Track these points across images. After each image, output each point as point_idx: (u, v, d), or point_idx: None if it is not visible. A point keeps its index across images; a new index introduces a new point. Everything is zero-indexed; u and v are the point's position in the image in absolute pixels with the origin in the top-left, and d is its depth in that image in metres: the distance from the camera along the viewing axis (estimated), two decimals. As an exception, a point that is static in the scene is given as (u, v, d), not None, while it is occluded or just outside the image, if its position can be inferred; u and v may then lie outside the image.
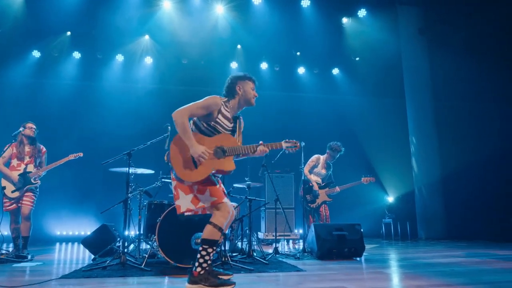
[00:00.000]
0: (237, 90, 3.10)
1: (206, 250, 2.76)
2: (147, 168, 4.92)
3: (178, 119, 2.83)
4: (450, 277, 3.22)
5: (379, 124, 9.98)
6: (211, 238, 2.76)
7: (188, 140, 2.82)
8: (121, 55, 9.33)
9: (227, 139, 2.98)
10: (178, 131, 2.85)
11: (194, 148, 2.80)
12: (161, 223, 3.77)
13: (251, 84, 3.17)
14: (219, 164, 2.88)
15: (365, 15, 9.28)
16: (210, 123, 2.97)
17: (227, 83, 3.17)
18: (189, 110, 2.87)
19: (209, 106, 2.92)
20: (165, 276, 3.42)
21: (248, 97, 3.13)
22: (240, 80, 3.14)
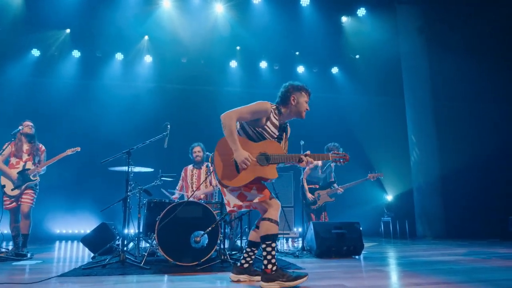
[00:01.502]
0: (290, 100, 3.05)
1: (270, 246, 2.78)
2: (147, 166, 4.94)
3: (226, 121, 2.83)
4: (448, 275, 3.24)
5: (378, 123, 10.00)
6: (271, 233, 2.78)
7: (233, 144, 2.80)
8: (121, 54, 9.35)
9: (272, 145, 2.93)
10: (225, 133, 2.84)
11: (238, 153, 2.79)
12: (160, 221, 3.78)
13: (305, 97, 3.12)
14: (262, 172, 2.84)
15: (364, 14, 9.29)
16: (258, 128, 2.94)
17: (282, 90, 3.11)
18: (238, 113, 2.86)
19: (258, 111, 2.90)
20: (165, 275, 3.43)
21: (300, 109, 3.07)
22: (296, 90, 3.09)
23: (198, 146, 5.38)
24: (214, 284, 3.00)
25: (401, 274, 3.45)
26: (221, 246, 4.04)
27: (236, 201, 2.89)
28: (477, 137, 8.57)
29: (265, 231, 2.79)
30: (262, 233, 2.80)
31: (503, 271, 3.46)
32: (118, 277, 3.31)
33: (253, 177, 2.81)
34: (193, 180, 5.33)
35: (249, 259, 3.07)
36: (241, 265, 3.06)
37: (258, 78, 10.05)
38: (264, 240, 2.78)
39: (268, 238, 2.77)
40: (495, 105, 8.33)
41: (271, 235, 2.78)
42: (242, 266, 3.05)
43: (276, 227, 2.81)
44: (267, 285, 2.72)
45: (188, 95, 9.35)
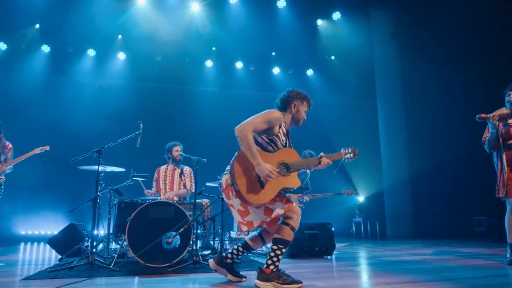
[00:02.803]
0: (291, 107, 3.02)
1: (281, 250, 2.75)
2: (118, 166, 4.83)
3: (242, 135, 2.70)
4: (416, 274, 3.33)
5: (351, 125, 10.17)
6: (287, 239, 2.76)
7: (254, 158, 2.69)
8: (93, 50, 9.10)
9: (289, 154, 2.89)
10: (242, 147, 2.72)
11: (260, 167, 2.67)
12: (131, 222, 3.69)
13: (306, 107, 3.10)
14: (285, 182, 2.78)
15: (339, 18, 9.45)
16: (272, 137, 2.86)
17: (284, 95, 3.05)
18: (252, 124, 2.75)
19: (272, 120, 2.83)
20: (135, 276, 3.36)
21: (298, 118, 3.05)
22: (299, 99, 3.05)
23: (179, 146, 5.29)
24: (186, 286, 2.97)
25: (371, 273, 3.52)
26: (194, 247, 4.00)
27: (263, 218, 2.81)
28: (446, 139, 8.87)
29: (283, 235, 2.76)
30: (279, 236, 2.76)
31: (467, 269, 3.59)
32: (86, 279, 3.21)
33: (278, 189, 2.75)
34: (166, 181, 5.25)
35: (235, 257, 3.05)
36: (226, 258, 3.03)
37: (234, 78, 10.03)
38: (278, 242, 2.75)
39: (283, 243, 2.76)
40: (463, 107, 8.64)
41: (286, 241, 2.77)
42: (226, 260, 3.03)
43: (293, 235, 2.80)
44: (262, 285, 2.70)
45: (163, 94, 9.22)
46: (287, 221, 2.79)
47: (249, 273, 3.47)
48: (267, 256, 2.80)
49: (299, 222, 2.84)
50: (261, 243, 3.03)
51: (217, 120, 9.08)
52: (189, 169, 5.34)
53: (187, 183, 5.18)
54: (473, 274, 3.33)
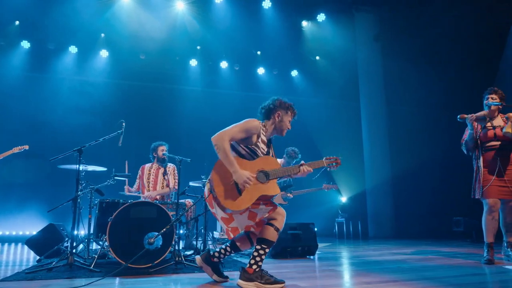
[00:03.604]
0: (275, 116, 3.00)
1: (264, 250, 2.76)
2: (99, 165, 4.75)
3: (219, 143, 2.71)
4: (397, 274, 3.38)
5: (334, 126, 10.27)
6: (271, 240, 2.78)
7: (231, 166, 2.70)
8: (75, 47, 8.93)
9: (268, 161, 2.89)
10: (220, 156, 2.73)
11: (238, 174, 2.69)
12: (112, 222, 3.64)
13: (290, 117, 3.08)
14: (264, 189, 2.78)
15: (324, 19, 9.52)
16: (251, 146, 2.86)
17: (268, 104, 3.03)
18: (230, 134, 2.76)
19: (249, 129, 2.83)
20: (116, 277, 3.31)
21: (282, 127, 3.04)
22: (283, 108, 3.03)
23: (165, 146, 5.25)
24: (168, 286, 2.94)
25: (353, 273, 3.55)
26: (176, 247, 3.96)
27: (247, 222, 2.83)
28: (426, 141, 9.05)
29: (267, 236, 2.77)
30: (263, 236, 2.77)
31: (447, 268, 3.66)
32: (65, 280, 3.15)
33: (256, 196, 2.74)
34: (150, 179, 5.19)
35: (223, 256, 3.04)
36: (213, 256, 3.01)
37: (219, 78, 10.00)
38: (262, 242, 2.77)
39: (267, 243, 2.77)
40: (444, 111, 8.82)
41: (270, 242, 2.79)
42: (213, 259, 3.01)
43: (277, 236, 2.82)
44: (244, 284, 2.70)
45: (146, 93, 9.11)
46: (272, 222, 2.81)
47: (232, 273, 3.46)
48: (250, 256, 2.80)
49: (284, 223, 2.86)
50: (249, 244, 3.02)
51: (201, 120, 9.04)
52: (173, 165, 5.30)
53: (170, 180, 5.15)
54: (452, 273, 3.40)
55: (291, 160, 5.83)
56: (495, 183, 4.01)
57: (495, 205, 4.01)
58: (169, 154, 4.84)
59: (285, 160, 5.87)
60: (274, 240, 2.80)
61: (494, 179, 4.01)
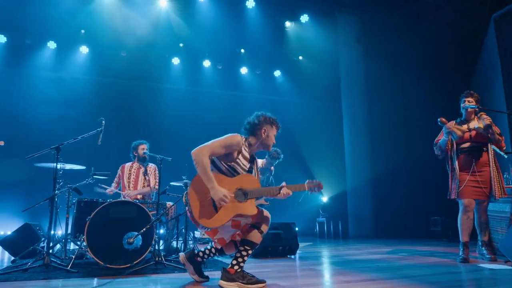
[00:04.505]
0: (261, 132, 2.95)
1: (247, 251, 2.77)
2: (78, 164, 4.65)
3: (198, 158, 2.65)
4: (375, 272, 3.43)
5: (316, 127, 10.34)
6: (255, 242, 2.80)
7: (209, 182, 2.64)
8: (54, 42, 8.71)
9: (248, 180, 2.84)
10: (198, 170, 2.67)
11: (215, 191, 2.63)
12: (91, 221, 3.57)
13: (275, 131, 3.07)
14: (241, 208, 2.72)
15: (307, 20, 9.58)
16: (230, 163, 2.81)
17: (255, 120, 2.98)
18: (209, 148, 2.70)
19: (231, 145, 2.77)
20: (94, 278, 3.25)
21: (268, 143, 3.01)
22: (268, 124, 2.99)
23: (145, 144, 5.18)
24: (147, 286, 2.91)
25: (333, 272, 3.59)
26: (156, 247, 3.92)
27: (233, 231, 2.85)
28: (406, 143, 9.22)
29: (251, 238, 2.79)
30: (247, 238, 2.78)
31: (423, 267, 3.74)
32: (41, 281, 3.08)
33: (232, 214, 2.70)
34: (130, 178, 5.11)
35: (206, 257, 3.03)
36: (197, 256, 3.00)
37: (201, 77, 9.92)
38: (245, 244, 2.78)
39: (250, 245, 2.78)
40: (423, 113, 9.00)
41: (254, 243, 2.80)
42: (197, 258, 3.00)
43: (261, 239, 2.83)
44: (226, 285, 2.69)
45: (127, 90, 8.95)
46: (257, 225, 2.83)
47: (212, 273, 3.45)
48: (232, 257, 2.80)
49: (268, 226, 2.88)
50: (234, 248, 2.99)
51: (183, 119, 8.97)
52: (153, 165, 5.24)
53: (151, 180, 5.08)
54: (429, 271, 3.47)
55: (273, 161, 5.81)
56: (470, 184, 4.12)
57: (470, 205, 4.12)
58: (150, 153, 4.79)
59: (267, 161, 5.85)
60: (258, 242, 2.81)
61: (468, 180, 4.12)
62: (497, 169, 4.14)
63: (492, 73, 7.94)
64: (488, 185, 4.12)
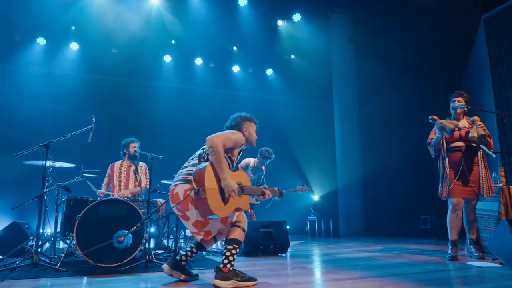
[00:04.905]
0: (243, 131, 3.05)
1: (236, 249, 2.82)
2: (68, 161, 4.60)
3: (216, 147, 2.69)
4: (365, 270, 3.45)
5: (308, 125, 10.38)
6: (241, 240, 2.87)
7: (222, 172, 2.69)
8: (43, 39, 8.60)
9: (244, 176, 2.97)
10: (214, 159, 2.69)
11: (227, 182, 2.68)
12: (80, 220, 3.54)
13: (255, 127, 3.17)
14: (240, 203, 2.83)
15: (299, 19, 9.58)
16: (233, 157, 2.94)
17: (232, 122, 3.09)
18: (223, 139, 2.78)
19: (238, 141, 2.92)
20: (83, 277, 3.22)
21: (252, 139, 3.13)
22: (246, 121, 3.11)
23: (136, 143, 5.14)
24: (138, 285, 2.89)
25: (323, 270, 3.60)
26: (146, 245, 3.90)
27: (220, 227, 2.88)
28: (396, 142, 9.29)
29: (237, 236, 2.85)
30: (232, 237, 2.84)
31: (413, 265, 3.77)
32: (29, 281, 3.04)
33: (234, 207, 2.80)
34: (121, 177, 5.07)
35: (190, 258, 3.02)
36: (180, 260, 2.99)
37: (193, 75, 9.89)
38: (232, 242, 2.82)
39: (237, 243, 2.84)
40: (414, 112, 9.09)
41: (240, 241, 2.86)
42: (180, 262, 2.99)
43: (243, 235, 2.91)
44: (222, 284, 2.70)
45: (118, 88, 8.88)
46: (238, 224, 2.89)
47: (202, 271, 3.45)
48: (223, 256, 2.81)
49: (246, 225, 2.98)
50: (213, 241, 3.08)
51: (175, 117, 8.93)
52: (144, 164, 5.21)
53: (142, 180, 5.05)
54: (418, 269, 3.51)
55: (264, 160, 5.80)
56: (459, 183, 4.18)
57: (459, 204, 4.18)
58: (140, 151, 4.75)
59: (259, 160, 5.84)
60: (242, 239, 2.91)
61: (458, 179, 4.17)
62: (485, 168, 4.20)
63: (482, 74, 8.04)
64: (477, 184, 4.17)
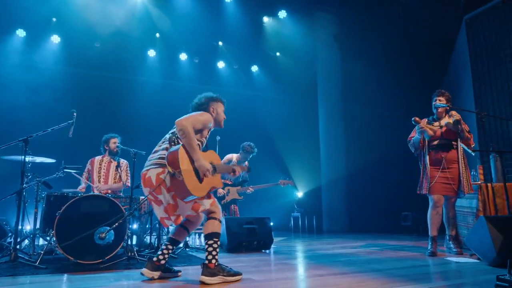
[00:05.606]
0: (210, 112, 3.05)
1: (216, 243, 2.81)
2: (48, 156, 4.51)
3: (186, 129, 2.71)
4: (347, 266, 3.50)
5: (292, 122, 10.40)
6: (218, 231, 2.85)
7: (195, 153, 2.72)
8: (23, 31, 8.37)
9: (214, 155, 3.01)
10: (185, 141, 2.72)
11: (201, 162, 2.72)
12: (60, 216, 3.48)
13: (222, 107, 3.17)
14: (213, 181, 2.88)
15: (285, 16, 9.59)
16: (202, 138, 2.93)
17: (199, 102, 3.10)
18: (192, 121, 2.79)
19: (206, 122, 2.92)
20: (64, 274, 3.17)
21: (220, 119, 3.14)
22: (214, 101, 3.11)
23: (117, 138, 5.07)
24: (119, 282, 2.86)
25: (306, 266, 3.64)
26: (129, 242, 3.86)
27: (190, 212, 2.85)
28: (379, 140, 9.40)
29: (214, 229, 2.84)
30: (210, 231, 2.83)
31: (394, 261, 3.84)
32: (7, 278, 2.98)
33: (210, 186, 2.84)
34: (101, 173, 4.99)
35: (166, 256, 2.99)
36: (158, 261, 2.95)
37: (177, 70, 9.79)
38: (211, 237, 2.82)
39: (216, 235, 2.84)
40: (397, 112, 9.20)
41: (218, 233, 2.86)
42: (158, 262, 2.95)
43: (220, 226, 2.91)
44: (209, 280, 2.71)
45: (100, 82, 8.71)
46: (213, 215, 2.89)
47: (185, 268, 3.43)
48: (206, 252, 2.81)
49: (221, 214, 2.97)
50: (186, 233, 3.09)
51: (157, 112, 8.82)
52: (126, 162, 5.14)
53: (123, 176, 4.98)
54: (398, 265, 3.57)
55: (247, 155, 5.82)
56: (440, 180, 4.27)
57: (439, 201, 4.27)
58: (122, 147, 4.68)
59: (242, 156, 5.85)
60: (220, 231, 2.91)
61: (438, 176, 4.26)
62: (465, 166, 4.30)
63: (463, 73, 8.20)
64: (457, 182, 4.27)
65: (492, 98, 7.20)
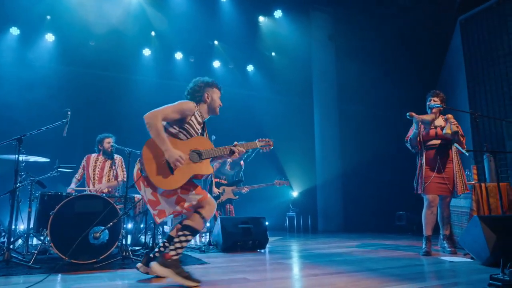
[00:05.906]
0: (205, 98, 3.00)
1: (186, 237, 2.69)
2: (42, 156, 4.48)
3: (151, 121, 2.66)
4: (342, 266, 3.51)
5: (287, 122, 10.41)
6: (197, 228, 2.73)
7: (163, 144, 2.66)
8: (16, 29, 8.30)
9: (202, 141, 2.87)
10: (151, 133, 2.67)
11: (169, 153, 2.64)
12: (54, 216, 3.45)
13: (218, 93, 3.09)
14: (197, 169, 2.76)
15: (280, 16, 9.59)
16: (184, 125, 2.83)
17: (194, 87, 3.03)
18: (162, 113, 2.72)
19: (183, 111, 2.81)
20: (58, 274, 3.15)
21: (214, 106, 3.05)
22: (209, 87, 3.05)
23: (111, 138, 5.05)
24: (113, 282, 2.84)
25: (301, 266, 3.64)
26: (123, 242, 3.84)
27: (174, 208, 2.77)
28: (374, 139, 9.44)
29: (192, 223, 2.72)
30: (187, 223, 2.73)
31: (388, 260, 3.85)
32: (0, 278, 2.95)
33: (188, 176, 2.72)
34: (95, 171, 4.97)
35: None
36: (155, 257, 2.93)
37: (173, 69, 9.76)
38: (185, 229, 2.71)
39: (191, 230, 2.72)
40: (392, 111, 9.24)
41: (195, 230, 2.74)
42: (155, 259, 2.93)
43: (203, 225, 2.77)
44: (159, 269, 2.62)
45: (95, 81, 8.66)
46: (199, 210, 2.77)
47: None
48: (172, 242, 2.73)
49: (212, 213, 2.83)
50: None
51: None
52: (120, 157, 5.12)
53: (118, 172, 4.96)
54: (393, 264, 3.58)
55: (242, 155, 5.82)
56: (435, 180, 4.29)
57: (434, 200, 4.29)
58: (117, 146, 4.66)
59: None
60: (199, 229, 2.76)
61: (434, 176, 4.28)
62: (459, 166, 4.33)
63: (457, 74, 8.25)
64: (452, 182, 4.30)
65: (486, 98, 7.25)
